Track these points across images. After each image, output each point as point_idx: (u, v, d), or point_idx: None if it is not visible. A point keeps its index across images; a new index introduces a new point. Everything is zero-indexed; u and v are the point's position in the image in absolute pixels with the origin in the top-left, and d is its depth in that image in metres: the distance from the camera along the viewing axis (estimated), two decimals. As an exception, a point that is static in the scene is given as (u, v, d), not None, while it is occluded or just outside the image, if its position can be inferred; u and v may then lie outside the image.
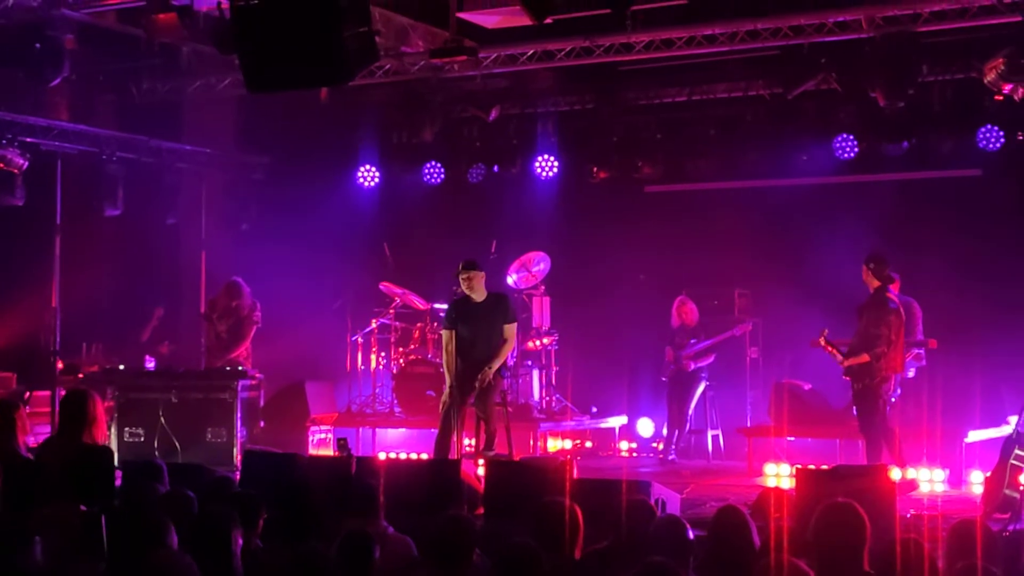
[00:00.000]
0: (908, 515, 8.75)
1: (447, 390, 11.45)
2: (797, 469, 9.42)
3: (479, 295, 11.55)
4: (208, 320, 14.11)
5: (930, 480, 11.46)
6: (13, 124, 14.14)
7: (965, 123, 13.62)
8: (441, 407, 11.45)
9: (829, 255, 13.39)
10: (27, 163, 14.12)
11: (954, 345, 12.44)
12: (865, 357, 11.10)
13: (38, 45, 12.15)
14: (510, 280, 14.69)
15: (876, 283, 11.30)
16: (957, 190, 14.09)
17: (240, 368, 13.34)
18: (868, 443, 11.23)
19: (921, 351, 12.60)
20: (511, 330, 11.58)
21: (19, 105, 14.23)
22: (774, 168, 14.78)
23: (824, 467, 9.90)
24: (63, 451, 7.80)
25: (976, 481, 11.28)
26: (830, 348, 11.36)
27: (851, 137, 13.94)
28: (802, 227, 14.32)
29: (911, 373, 12.75)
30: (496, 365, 11.37)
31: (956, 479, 11.70)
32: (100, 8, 12.71)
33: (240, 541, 5.86)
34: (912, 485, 11.02)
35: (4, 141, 13.92)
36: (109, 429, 12.57)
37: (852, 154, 14.00)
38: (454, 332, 11.52)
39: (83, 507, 6.35)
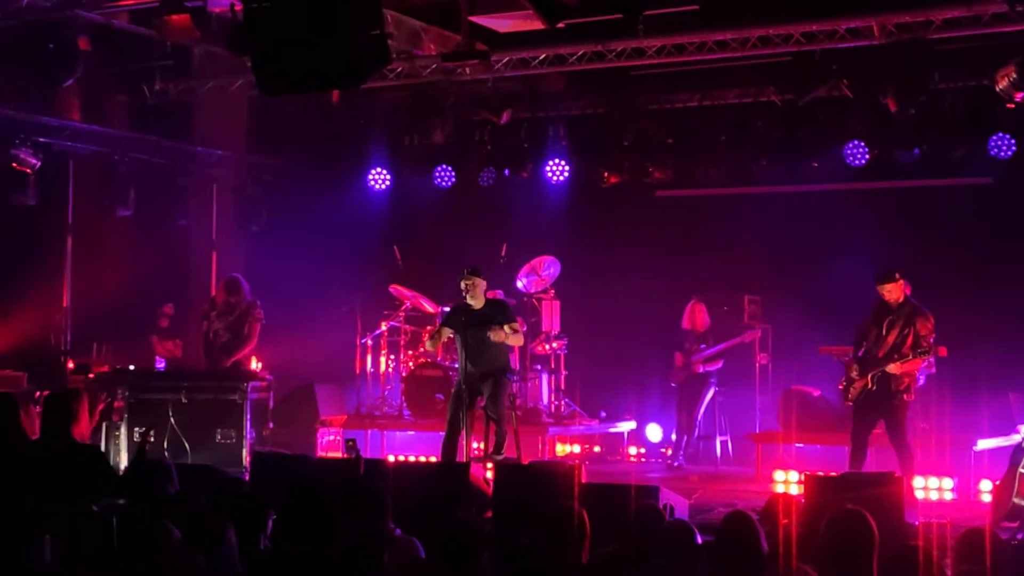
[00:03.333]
0: (917, 523, 8.74)
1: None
2: (806, 476, 9.41)
3: (478, 302, 11.62)
4: (206, 319, 13.95)
5: (939, 488, 11.43)
6: (26, 124, 14.19)
7: (977, 131, 13.56)
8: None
9: (839, 262, 13.39)
10: (40, 163, 14.16)
11: (963, 353, 12.41)
12: (918, 362, 11.05)
13: (51, 45, 12.16)
14: (520, 284, 14.69)
15: (907, 290, 11.23)
16: (968, 198, 14.07)
17: (250, 369, 13.33)
18: (903, 453, 10.96)
19: (931, 359, 12.57)
20: (516, 326, 11.75)
21: (32, 105, 14.26)
22: (785, 174, 14.74)
23: (833, 474, 9.89)
24: (50, 450, 7.74)
25: (985, 490, 11.27)
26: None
27: (862, 144, 13.88)
28: (812, 234, 14.31)
29: (921, 381, 12.73)
30: (504, 336, 11.48)
31: (965, 488, 11.67)
32: (113, 8, 12.73)
33: (235, 541, 5.87)
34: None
35: (17, 141, 13.97)
36: (118, 429, 12.61)
37: (863, 161, 13.95)
38: (451, 330, 11.73)
39: (95, 507, 6.37)
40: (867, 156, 13.91)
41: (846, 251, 13.36)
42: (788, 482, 12.01)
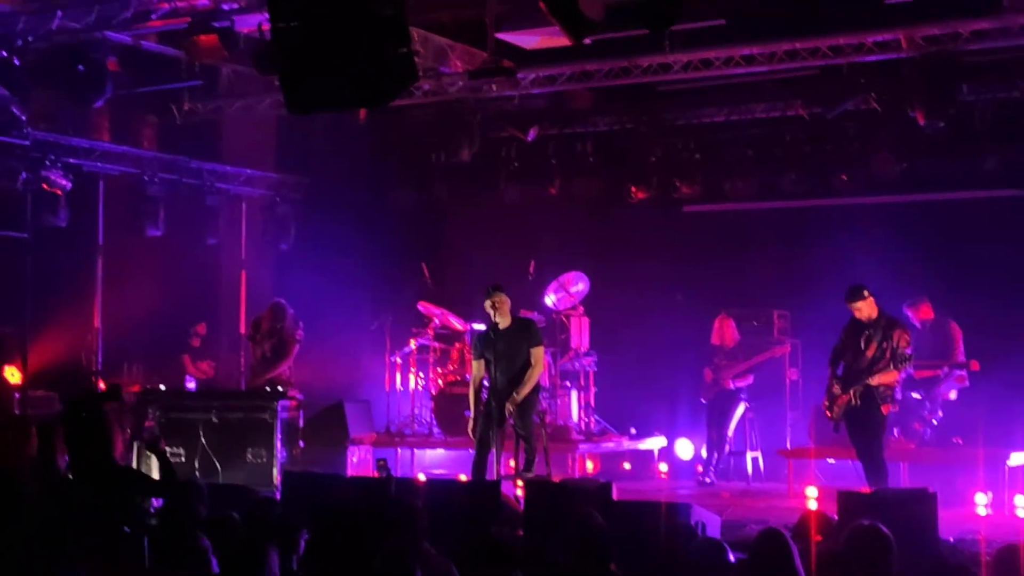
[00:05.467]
0: (951, 540, 8.68)
1: (471, 422, 11.44)
2: (838, 492, 9.34)
3: (505, 320, 11.46)
4: (252, 340, 14.13)
5: (973, 504, 11.35)
6: (56, 145, 14.29)
7: (1007, 142, 13.53)
8: (470, 432, 11.43)
9: (868, 276, 13.30)
10: (70, 184, 14.26)
11: (997, 367, 12.33)
12: (896, 373, 11.00)
13: (81, 67, 12.24)
14: (548, 301, 14.67)
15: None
16: (998, 210, 13.99)
17: (281, 388, 13.37)
18: (877, 467, 10.78)
19: (963, 372, 12.50)
20: (538, 353, 11.47)
21: (62, 126, 14.37)
22: (813, 188, 14.72)
23: (865, 490, 9.81)
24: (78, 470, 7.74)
25: (1020, 505, 11.18)
26: None
27: (891, 157, 13.85)
28: (841, 248, 14.22)
29: (953, 395, 12.67)
30: (525, 391, 11.27)
31: (999, 503, 11.58)
32: (142, 30, 12.81)
33: (277, 562, 5.87)
34: None
35: (47, 162, 14.07)
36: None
37: (892, 174, 13.91)
38: (483, 362, 11.51)
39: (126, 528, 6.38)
40: (896, 169, 13.87)
41: (876, 265, 13.28)
42: (820, 498, 11.93)
